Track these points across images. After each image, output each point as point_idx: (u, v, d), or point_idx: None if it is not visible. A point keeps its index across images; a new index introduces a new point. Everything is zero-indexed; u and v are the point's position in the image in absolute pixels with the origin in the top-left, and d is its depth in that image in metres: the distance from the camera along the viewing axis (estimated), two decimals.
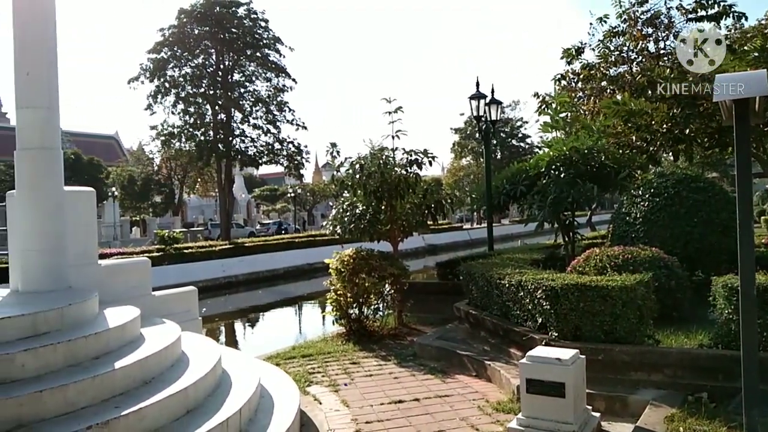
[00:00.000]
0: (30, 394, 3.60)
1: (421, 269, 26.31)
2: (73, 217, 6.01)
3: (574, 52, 14.49)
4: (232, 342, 15.19)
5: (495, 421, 5.34)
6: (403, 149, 10.18)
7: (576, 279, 6.04)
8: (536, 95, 14.96)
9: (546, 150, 9.80)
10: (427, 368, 7.16)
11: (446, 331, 8.55)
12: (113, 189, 47.56)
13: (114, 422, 3.64)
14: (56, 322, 4.54)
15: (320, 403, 6.02)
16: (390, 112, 10.32)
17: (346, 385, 6.64)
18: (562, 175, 9.01)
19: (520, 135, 62.18)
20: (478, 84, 12.65)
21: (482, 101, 12.61)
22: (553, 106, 10.77)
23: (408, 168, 9.96)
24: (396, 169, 9.90)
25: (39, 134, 5.80)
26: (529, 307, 6.43)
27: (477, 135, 39.21)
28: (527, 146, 58.85)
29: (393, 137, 10.34)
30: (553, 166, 9.25)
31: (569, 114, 10.70)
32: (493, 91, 12.94)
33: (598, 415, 4.89)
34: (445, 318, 9.35)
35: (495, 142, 52.36)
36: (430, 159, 10.17)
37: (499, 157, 55.86)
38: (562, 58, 14.64)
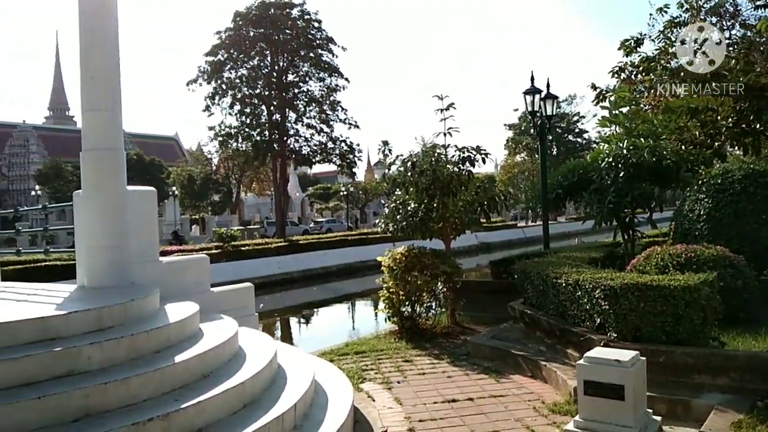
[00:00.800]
0: (96, 385, 3.75)
1: (474, 267, 26.09)
2: (135, 216, 6.23)
3: (633, 44, 14.02)
4: (287, 337, 15.45)
5: (551, 423, 5.22)
6: (455, 146, 10.12)
7: (636, 278, 5.84)
8: (593, 87, 14.56)
9: (604, 146, 9.52)
10: (480, 368, 7.08)
11: (500, 330, 8.43)
12: (173, 188, 49.20)
13: (174, 415, 3.75)
14: (120, 317, 4.72)
15: (373, 400, 6.04)
16: (442, 110, 10.26)
17: (399, 382, 6.64)
18: (621, 173, 8.73)
19: (576, 130, 60.78)
20: (532, 79, 12.42)
21: (537, 96, 12.37)
22: (611, 99, 10.44)
23: (460, 165, 9.87)
24: (448, 166, 9.83)
25: (103, 136, 6.05)
26: (587, 307, 6.26)
27: (532, 131, 38.48)
28: (584, 142, 57.49)
29: (445, 134, 10.28)
30: (613, 163, 8.97)
31: (629, 108, 10.36)
32: (548, 86, 12.68)
33: (659, 419, 4.71)
34: (499, 317, 9.22)
35: (550, 137, 51.29)
36: (483, 156, 10.05)
37: (554, 153, 54.78)
38: (619, 49, 14.18)
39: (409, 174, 9.74)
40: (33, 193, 51.31)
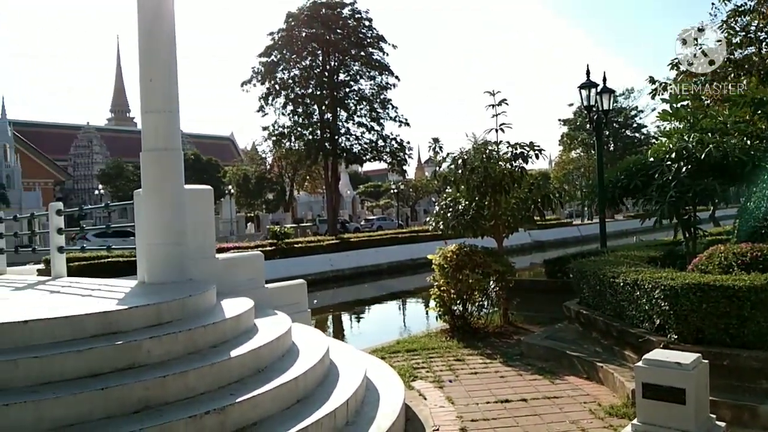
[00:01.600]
0: (155, 378, 3.87)
1: (527, 266, 25.62)
2: (193, 214, 6.40)
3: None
4: (338, 334, 15.59)
5: (607, 426, 5.08)
6: (508, 142, 9.96)
7: (698, 278, 5.61)
8: (651, 80, 14.09)
9: (664, 140, 9.19)
10: (534, 368, 6.96)
11: (555, 330, 8.26)
12: (229, 187, 50.41)
13: (230, 408, 3.83)
14: (178, 312, 4.86)
15: (425, 399, 6.02)
16: (493, 105, 10.13)
17: (450, 381, 6.60)
18: (683, 168, 8.39)
19: (634, 125, 58.87)
20: (588, 72, 12.11)
21: (593, 90, 12.05)
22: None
23: (513, 162, 9.72)
24: (500, 163, 9.69)
25: (161, 137, 6.25)
26: (646, 308, 6.06)
27: (588, 126, 37.53)
28: (642, 137, 55.61)
29: (497, 130, 10.14)
30: (675, 158, 8.64)
31: (689, 102, 9.96)
32: (605, 80, 12.34)
33: (723, 424, 4.51)
34: (554, 317, 9.03)
35: (607, 133, 49.92)
36: (536, 152, 9.87)
37: (611, 148, 53.27)
38: (678, 40, 13.66)
39: (460, 171, 9.65)
40: (96, 192, 53.48)
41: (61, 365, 3.80)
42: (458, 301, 9.10)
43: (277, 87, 36.06)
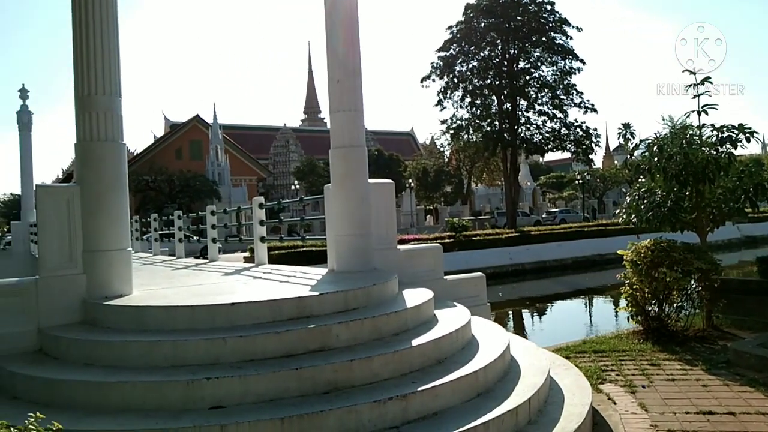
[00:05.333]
0: (343, 362, 4.08)
1: (735, 264, 22.88)
2: (376, 206, 6.69)
3: None
4: (518, 329, 15.25)
5: None
6: (712, 126, 8.90)
7: None
8: None
9: None
10: (744, 379, 6.14)
11: None
12: (410, 181, 51.85)
13: (411, 396, 3.90)
14: (363, 300, 5.09)
15: (614, 404, 5.62)
16: (694, 85, 9.11)
17: (643, 387, 6.07)
18: None
19: None
20: None
21: None
22: None
23: (718, 147, 8.66)
24: (703, 148, 8.70)
25: (348, 134, 6.61)
26: None
27: None
28: None
29: (699, 113, 9.11)
30: None
31: None
32: None
33: None
34: None
35: None
36: (747, 135, 8.69)
37: None
38: None
39: (656, 159, 8.84)
40: (293, 187, 58.29)
41: (262, 345, 4.18)
42: (653, 301, 8.35)
43: (455, 80, 36.22)
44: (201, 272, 8.78)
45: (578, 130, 35.44)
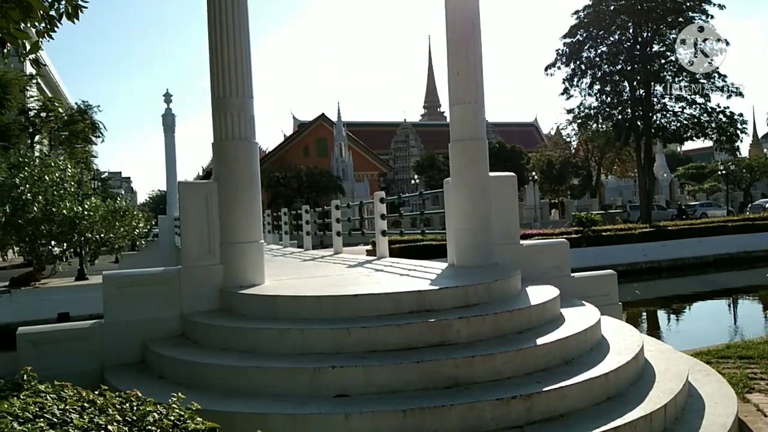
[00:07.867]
0: (464, 358, 4.03)
1: None
2: (497, 200, 6.54)
3: None
4: (653, 331, 14.28)
5: None
6: None
7: None
8: None
9: None
10: None
11: None
12: (533, 173, 50.32)
13: (536, 396, 3.78)
14: (484, 295, 5.00)
15: (764, 416, 5.08)
16: None
17: None
18: None
19: None
20: None
21: None
22: None
23: None
24: None
25: (468, 127, 6.52)
26: None
27: None
28: None
29: None
30: None
31: None
32: None
33: None
34: None
35: None
36: None
37: None
38: None
39: None
40: (413, 181, 58.78)
41: (384, 336, 4.24)
42: None
43: (582, 67, 34.49)
44: (326, 264, 9.12)
45: (721, 116, 32.36)
